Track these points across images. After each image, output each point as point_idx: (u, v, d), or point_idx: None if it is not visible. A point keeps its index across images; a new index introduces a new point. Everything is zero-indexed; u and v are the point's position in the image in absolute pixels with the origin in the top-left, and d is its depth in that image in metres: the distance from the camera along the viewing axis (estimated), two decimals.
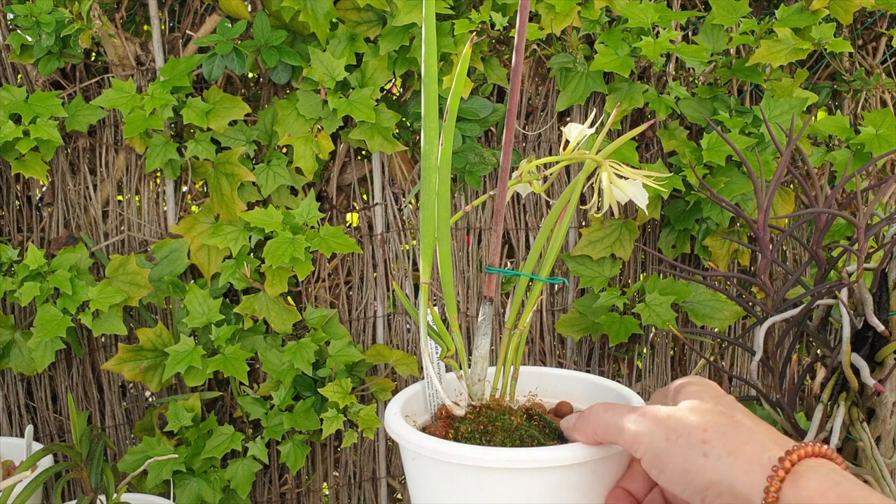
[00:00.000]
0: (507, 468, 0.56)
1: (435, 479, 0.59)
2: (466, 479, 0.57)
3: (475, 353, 0.67)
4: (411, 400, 0.69)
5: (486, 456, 0.56)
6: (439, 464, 0.58)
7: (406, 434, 0.60)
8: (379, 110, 1.36)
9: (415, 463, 0.61)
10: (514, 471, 0.56)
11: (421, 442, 0.59)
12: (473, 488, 0.57)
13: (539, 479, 0.56)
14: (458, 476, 0.57)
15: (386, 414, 0.64)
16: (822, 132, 1.36)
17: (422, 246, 0.63)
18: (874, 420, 1.01)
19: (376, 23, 1.37)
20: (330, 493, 1.59)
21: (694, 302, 1.42)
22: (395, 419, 0.63)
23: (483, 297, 0.67)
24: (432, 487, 0.60)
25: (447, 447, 0.58)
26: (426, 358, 0.65)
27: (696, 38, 1.39)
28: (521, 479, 0.56)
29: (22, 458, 1.30)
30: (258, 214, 1.34)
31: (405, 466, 0.64)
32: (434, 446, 0.58)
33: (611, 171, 0.65)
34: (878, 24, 1.51)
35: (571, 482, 0.57)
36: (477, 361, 0.67)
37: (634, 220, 1.46)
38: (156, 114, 1.33)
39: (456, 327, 0.66)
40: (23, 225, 1.50)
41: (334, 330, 1.43)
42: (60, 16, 1.31)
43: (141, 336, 1.37)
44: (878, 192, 0.99)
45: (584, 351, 1.56)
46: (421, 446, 0.59)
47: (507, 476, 0.56)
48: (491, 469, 0.56)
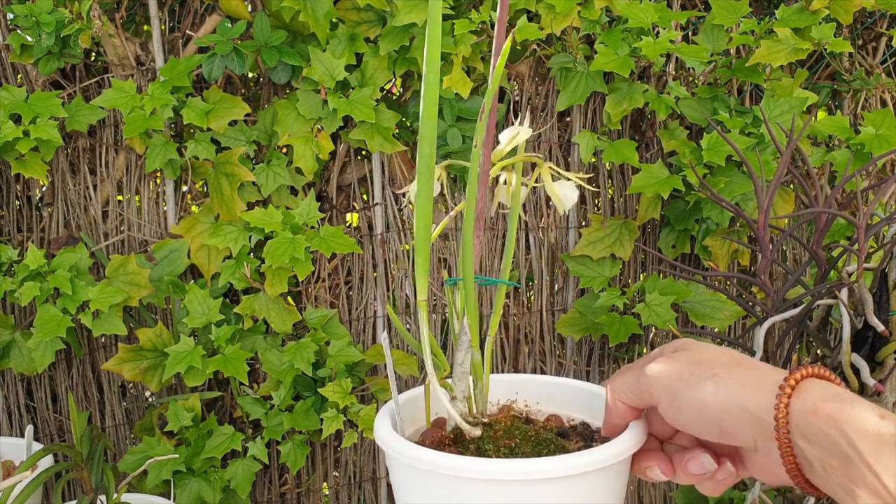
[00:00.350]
0: (565, 476, 0.54)
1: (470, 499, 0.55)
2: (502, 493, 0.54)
3: (458, 369, 0.63)
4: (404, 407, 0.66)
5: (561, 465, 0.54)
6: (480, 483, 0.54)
7: (446, 461, 0.55)
8: (379, 110, 1.36)
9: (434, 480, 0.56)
10: (567, 478, 0.54)
11: (474, 466, 0.54)
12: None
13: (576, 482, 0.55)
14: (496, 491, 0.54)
15: (387, 438, 0.59)
16: (822, 132, 1.36)
17: (417, 260, 0.60)
18: None
19: (376, 23, 1.37)
20: (330, 493, 1.59)
21: (694, 302, 1.42)
22: (420, 451, 0.57)
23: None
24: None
25: (502, 467, 0.54)
26: (434, 381, 0.61)
27: (696, 38, 1.39)
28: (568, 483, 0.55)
29: (22, 458, 1.30)
30: (258, 214, 1.34)
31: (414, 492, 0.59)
32: (494, 467, 0.54)
33: (548, 171, 0.66)
34: (878, 24, 1.51)
35: (607, 481, 0.57)
36: (461, 378, 0.63)
37: (634, 220, 1.46)
38: (156, 114, 1.33)
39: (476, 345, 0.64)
40: (23, 225, 1.50)
41: (334, 330, 1.43)
42: (60, 16, 1.31)
43: (141, 336, 1.37)
44: (878, 192, 0.99)
45: (584, 351, 1.56)
46: (473, 470, 0.54)
47: (555, 484, 0.54)
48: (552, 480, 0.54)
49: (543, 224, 1.52)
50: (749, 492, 1.09)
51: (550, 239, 1.52)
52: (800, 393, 0.51)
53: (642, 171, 1.38)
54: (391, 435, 0.59)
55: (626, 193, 1.50)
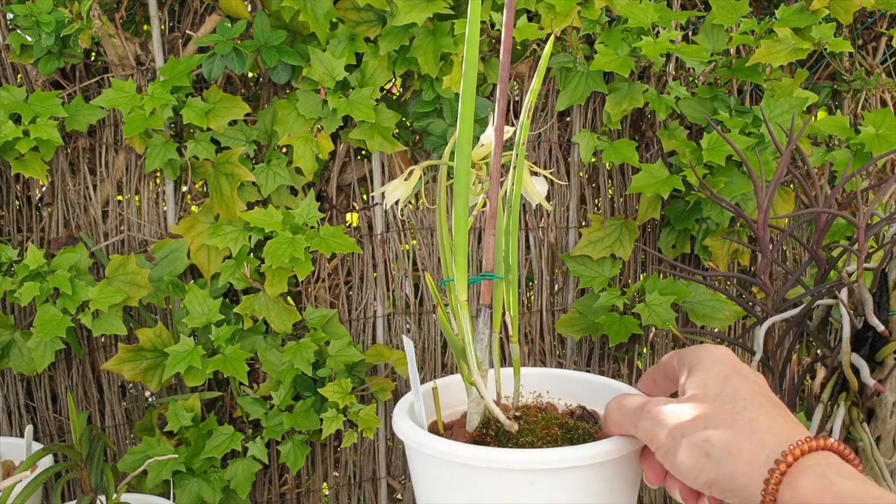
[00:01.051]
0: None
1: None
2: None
3: (481, 366, 0.64)
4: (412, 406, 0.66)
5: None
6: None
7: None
8: (379, 110, 1.36)
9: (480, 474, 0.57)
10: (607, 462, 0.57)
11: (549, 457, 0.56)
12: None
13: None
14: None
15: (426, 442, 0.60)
16: (822, 132, 1.36)
17: (457, 260, 0.61)
18: (874, 420, 1.01)
19: (376, 23, 1.37)
20: (330, 494, 1.59)
21: (694, 302, 1.42)
22: (466, 448, 0.58)
23: (480, 304, 0.65)
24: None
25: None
26: (479, 379, 0.62)
27: (696, 37, 1.39)
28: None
29: (22, 458, 1.30)
30: (258, 214, 1.34)
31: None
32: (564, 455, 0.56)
33: (527, 167, 0.68)
34: (878, 24, 1.51)
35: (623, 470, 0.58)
36: (483, 375, 0.64)
37: (634, 220, 1.46)
38: (156, 114, 1.33)
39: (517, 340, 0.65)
40: (23, 225, 1.50)
41: (334, 330, 1.43)
42: (60, 16, 1.30)
43: (141, 336, 1.37)
44: (878, 192, 0.99)
45: (584, 351, 1.56)
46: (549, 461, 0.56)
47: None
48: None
49: (543, 224, 1.52)
50: None
51: (550, 239, 1.52)
52: (791, 479, 0.47)
53: (642, 171, 1.38)
54: (438, 440, 0.59)
55: (626, 193, 1.50)
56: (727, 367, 0.54)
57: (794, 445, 0.47)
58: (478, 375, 0.62)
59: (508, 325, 0.65)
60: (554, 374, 0.73)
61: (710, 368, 0.54)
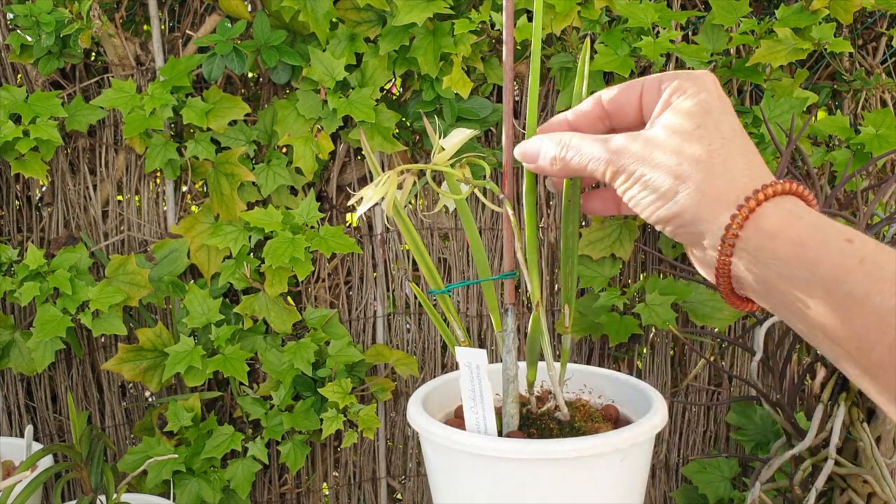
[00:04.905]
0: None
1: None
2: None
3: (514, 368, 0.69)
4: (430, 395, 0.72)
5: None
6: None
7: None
8: (379, 110, 1.36)
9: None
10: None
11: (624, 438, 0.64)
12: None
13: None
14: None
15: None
16: (822, 132, 1.36)
17: (530, 258, 0.65)
18: (874, 420, 1.01)
19: (376, 23, 1.37)
20: (330, 494, 1.59)
21: (694, 302, 1.42)
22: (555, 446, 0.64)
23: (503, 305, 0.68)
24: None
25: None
26: (556, 375, 0.68)
27: (696, 38, 1.39)
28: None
29: (22, 458, 1.30)
30: (258, 214, 1.34)
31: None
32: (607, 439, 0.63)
33: (468, 170, 0.69)
34: (878, 24, 1.51)
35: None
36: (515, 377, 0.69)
37: (634, 220, 1.46)
38: (155, 114, 1.33)
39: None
40: (23, 225, 1.50)
41: (334, 330, 1.43)
42: (60, 16, 1.31)
43: (141, 336, 1.37)
44: (878, 192, 0.99)
45: (584, 351, 1.56)
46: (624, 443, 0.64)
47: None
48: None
49: (543, 224, 1.52)
50: (749, 492, 1.09)
51: (550, 239, 1.52)
52: (756, 218, 0.46)
53: None
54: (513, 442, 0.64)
55: None
56: (712, 99, 0.51)
57: (766, 185, 0.47)
58: (554, 370, 0.69)
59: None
60: (580, 371, 0.80)
61: (695, 96, 0.51)
